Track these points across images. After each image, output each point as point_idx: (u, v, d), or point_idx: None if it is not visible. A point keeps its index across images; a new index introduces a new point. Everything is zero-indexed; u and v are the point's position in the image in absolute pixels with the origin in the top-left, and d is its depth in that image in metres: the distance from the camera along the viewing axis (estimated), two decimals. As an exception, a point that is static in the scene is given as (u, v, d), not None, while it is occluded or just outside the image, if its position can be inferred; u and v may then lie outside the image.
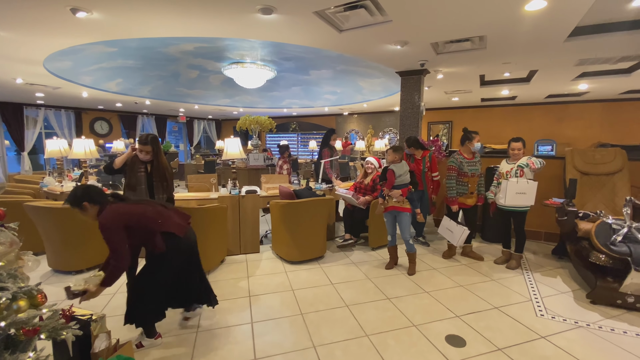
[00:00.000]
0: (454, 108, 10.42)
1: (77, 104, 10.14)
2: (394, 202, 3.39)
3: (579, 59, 4.76)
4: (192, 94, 8.87)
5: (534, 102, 9.19)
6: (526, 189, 3.34)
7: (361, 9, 3.11)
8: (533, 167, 3.34)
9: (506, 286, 3.17)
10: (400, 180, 3.35)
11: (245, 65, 5.87)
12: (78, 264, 3.42)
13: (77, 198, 1.98)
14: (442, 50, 4.48)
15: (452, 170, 3.72)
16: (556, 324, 2.52)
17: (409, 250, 3.49)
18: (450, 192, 3.73)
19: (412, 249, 3.47)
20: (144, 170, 2.76)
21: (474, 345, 2.24)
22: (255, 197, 3.98)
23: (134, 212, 2.07)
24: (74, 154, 4.38)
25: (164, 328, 2.40)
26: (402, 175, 3.36)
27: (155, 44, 4.87)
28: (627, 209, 2.86)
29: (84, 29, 3.76)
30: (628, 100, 8.18)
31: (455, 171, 3.71)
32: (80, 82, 6.86)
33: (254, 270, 3.54)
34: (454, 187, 3.71)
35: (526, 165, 3.37)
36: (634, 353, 2.16)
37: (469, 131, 3.81)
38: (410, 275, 3.41)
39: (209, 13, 3.27)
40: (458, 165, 3.71)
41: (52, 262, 3.46)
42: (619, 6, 3.27)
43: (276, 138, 14.42)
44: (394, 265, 3.64)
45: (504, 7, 3.04)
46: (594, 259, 2.84)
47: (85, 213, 2.01)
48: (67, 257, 3.39)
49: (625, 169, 3.79)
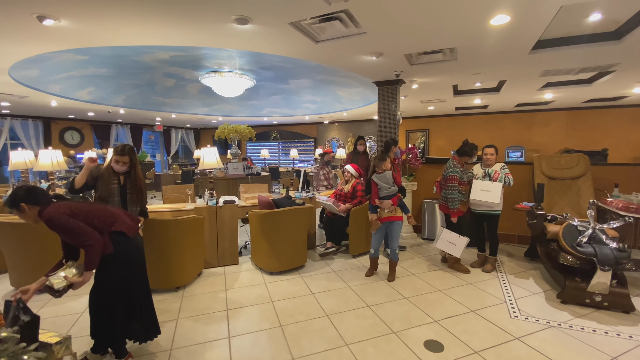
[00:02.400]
0: (430, 116, 10.73)
1: (46, 114, 9.72)
2: (386, 213, 3.37)
3: (543, 70, 5.03)
4: (168, 102, 8.70)
5: (504, 111, 9.60)
6: (491, 187, 3.44)
7: (336, 20, 3.18)
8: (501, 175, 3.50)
9: (482, 289, 3.25)
10: (391, 190, 3.32)
11: (224, 74, 5.83)
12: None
13: (16, 199, 1.83)
14: (416, 62, 4.62)
15: (454, 181, 3.55)
16: (529, 324, 2.60)
17: (393, 259, 3.48)
18: (453, 203, 3.55)
19: (397, 257, 3.48)
20: (117, 182, 2.66)
21: (451, 350, 2.27)
22: (233, 207, 3.91)
23: (80, 209, 1.94)
24: (40, 166, 4.17)
25: (134, 346, 2.29)
26: (388, 184, 3.32)
27: (129, 52, 4.77)
28: (590, 211, 3.02)
29: (52, 37, 3.63)
30: (590, 109, 8.70)
31: (457, 181, 3.55)
32: (48, 91, 6.59)
33: (232, 283, 3.46)
34: (457, 198, 3.54)
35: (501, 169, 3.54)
36: (602, 350, 2.25)
37: (470, 146, 3.64)
38: (390, 282, 3.43)
39: (183, 23, 3.24)
40: (460, 176, 3.59)
41: (15, 281, 3.24)
42: (576, 20, 3.49)
43: (257, 147, 14.32)
44: (373, 272, 3.65)
45: (471, 21, 3.19)
46: (562, 260, 2.96)
47: (24, 215, 1.86)
48: (31, 275, 3.16)
49: (588, 173, 4.01)
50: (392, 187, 3.32)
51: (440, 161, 5.25)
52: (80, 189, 2.62)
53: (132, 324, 2.13)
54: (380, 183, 3.34)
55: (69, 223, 1.83)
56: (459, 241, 3.54)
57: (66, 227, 1.83)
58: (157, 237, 3.09)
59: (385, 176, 3.33)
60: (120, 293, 2.06)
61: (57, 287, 1.82)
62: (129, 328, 2.13)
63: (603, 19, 3.43)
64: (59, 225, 1.82)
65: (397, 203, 3.35)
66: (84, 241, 1.85)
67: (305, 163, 13.39)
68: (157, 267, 3.15)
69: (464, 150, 3.65)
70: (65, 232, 1.85)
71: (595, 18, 3.38)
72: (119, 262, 2.03)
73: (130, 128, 12.41)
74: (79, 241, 1.86)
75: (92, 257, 1.87)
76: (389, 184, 3.32)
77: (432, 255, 4.29)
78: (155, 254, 3.10)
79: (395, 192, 3.34)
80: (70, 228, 1.83)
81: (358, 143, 5.29)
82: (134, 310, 2.12)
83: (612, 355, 2.20)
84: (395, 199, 3.33)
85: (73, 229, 1.83)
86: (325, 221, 4.46)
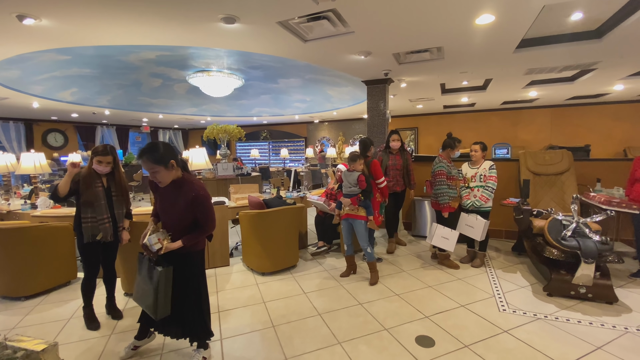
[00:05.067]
0: (419, 115, 10.85)
1: (28, 115, 9.46)
2: (347, 210, 3.36)
3: (527, 68, 5.14)
4: (155, 103, 8.57)
5: (491, 109, 9.78)
6: (474, 224, 3.56)
7: (324, 20, 3.18)
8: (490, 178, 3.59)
9: (471, 284, 3.31)
10: (351, 190, 3.29)
11: (212, 74, 5.78)
12: (29, 288, 3.13)
13: (165, 155, 1.87)
14: (404, 61, 4.67)
15: (442, 175, 3.59)
16: (517, 317, 2.65)
17: (367, 260, 3.43)
18: (442, 198, 3.57)
19: (371, 257, 3.39)
20: (101, 184, 2.57)
21: (442, 344, 2.30)
22: (223, 208, 3.88)
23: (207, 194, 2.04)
24: (22, 169, 4.05)
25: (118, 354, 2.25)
26: (350, 184, 3.29)
27: (114, 52, 4.67)
28: (574, 206, 3.09)
29: (33, 37, 3.53)
30: (573, 106, 8.93)
31: (445, 176, 3.60)
32: (30, 92, 6.42)
33: (223, 285, 3.43)
34: (445, 193, 3.57)
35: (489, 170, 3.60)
36: (587, 341, 2.32)
37: (453, 138, 3.78)
38: (371, 285, 3.31)
39: (169, 21, 3.20)
40: (447, 170, 3.63)
41: (6, 285, 3.14)
42: (559, 20, 3.58)
43: (247, 147, 14.23)
44: (350, 273, 3.58)
45: (457, 20, 3.24)
46: (548, 254, 3.04)
47: (167, 174, 1.89)
48: (16, 282, 3.10)
49: (571, 168, 4.12)
50: (353, 188, 3.28)
51: (429, 159, 5.31)
52: (66, 197, 2.46)
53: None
54: (345, 180, 3.33)
55: (210, 203, 1.98)
56: (451, 235, 3.56)
57: (208, 205, 1.97)
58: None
59: (351, 175, 3.30)
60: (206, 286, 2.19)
61: (151, 246, 1.93)
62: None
63: (584, 18, 3.53)
64: (204, 201, 1.95)
65: (356, 203, 3.30)
66: (207, 222, 1.98)
67: (296, 162, 13.38)
68: (146, 271, 3.10)
69: (447, 143, 3.77)
70: (203, 208, 1.95)
71: (577, 17, 3.48)
72: (200, 261, 2.13)
73: (116, 129, 12.18)
74: (205, 220, 1.97)
75: (196, 238, 1.99)
76: (351, 184, 3.29)
77: (423, 252, 4.34)
78: (144, 257, 3.06)
79: (356, 193, 3.28)
80: (210, 207, 1.98)
81: (390, 139, 4.24)
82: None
83: (596, 345, 2.27)
84: (355, 199, 3.29)
85: (211, 209, 1.98)
86: (317, 220, 4.46)
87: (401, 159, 4.26)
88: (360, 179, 3.26)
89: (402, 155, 4.28)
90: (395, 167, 4.21)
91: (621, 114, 8.47)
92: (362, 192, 3.28)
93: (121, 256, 3.01)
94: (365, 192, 3.29)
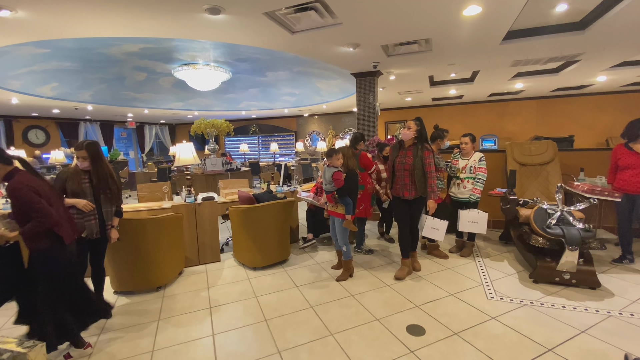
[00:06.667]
0: (408, 108, 10.89)
1: (6, 112, 9.12)
2: (329, 207, 3.30)
3: (513, 60, 5.20)
4: (140, 97, 8.37)
5: (478, 101, 9.89)
6: (477, 218, 3.55)
7: (311, 10, 3.13)
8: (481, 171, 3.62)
9: (460, 273, 3.37)
10: (326, 187, 3.20)
11: (198, 67, 5.66)
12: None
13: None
14: (392, 53, 4.65)
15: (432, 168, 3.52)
16: (504, 304, 2.72)
17: (343, 257, 3.36)
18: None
19: (347, 256, 3.32)
20: (89, 180, 2.52)
21: (432, 333, 2.35)
22: (212, 204, 3.84)
23: (45, 192, 2.05)
24: (2, 167, 3.91)
25: (117, 345, 2.22)
26: (326, 181, 3.17)
27: (95, 45, 4.52)
28: (559, 195, 3.17)
29: (8, 29, 3.39)
30: (558, 97, 9.10)
31: (434, 168, 3.49)
32: (8, 87, 6.18)
33: (215, 280, 3.41)
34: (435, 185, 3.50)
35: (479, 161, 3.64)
36: (572, 325, 2.39)
37: (441, 130, 3.81)
38: (337, 281, 3.26)
39: (151, 12, 3.10)
40: (436, 162, 3.57)
41: None
42: (544, 11, 3.62)
43: (236, 142, 14.07)
44: (341, 266, 3.54)
45: (445, 11, 3.23)
46: (533, 242, 3.11)
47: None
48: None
49: (556, 158, 4.21)
50: (328, 185, 3.17)
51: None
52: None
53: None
54: (325, 175, 3.22)
55: (33, 199, 1.94)
56: (440, 225, 3.51)
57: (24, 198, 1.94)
58: (135, 237, 2.99)
59: (328, 171, 3.16)
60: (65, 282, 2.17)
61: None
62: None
63: (569, 10, 3.57)
64: (15, 194, 1.93)
65: (332, 201, 3.23)
66: (36, 216, 1.95)
67: (286, 157, 13.31)
68: (136, 268, 3.06)
69: (436, 134, 3.81)
70: (16, 201, 1.94)
71: (562, 9, 3.52)
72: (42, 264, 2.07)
73: (101, 125, 11.86)
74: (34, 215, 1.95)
75: (34, 229, 1.96)
76: (327, 180, 3.17)
77: (413, 243, 4.39)
78: (134, 254, 3.01)
79: (331, 190, 3.19)
80: (31, 201, 1.94)
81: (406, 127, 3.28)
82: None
83: (580, 329, 2.35)
84: (329, 197, 3.23)
85: (31, 203, 1.94)
86: (308, 214, 4.46)
87: (413, 156, 3.20)
88: (335, 177, 3.09)
89: (415, 152, 3.19)
90: (402, 167, 3.23)
91: (604, 105, 8.68)
92: (337, 190, 3.12)
93: (110, 254, 2.95)
94: (341, 191, 3.12)
